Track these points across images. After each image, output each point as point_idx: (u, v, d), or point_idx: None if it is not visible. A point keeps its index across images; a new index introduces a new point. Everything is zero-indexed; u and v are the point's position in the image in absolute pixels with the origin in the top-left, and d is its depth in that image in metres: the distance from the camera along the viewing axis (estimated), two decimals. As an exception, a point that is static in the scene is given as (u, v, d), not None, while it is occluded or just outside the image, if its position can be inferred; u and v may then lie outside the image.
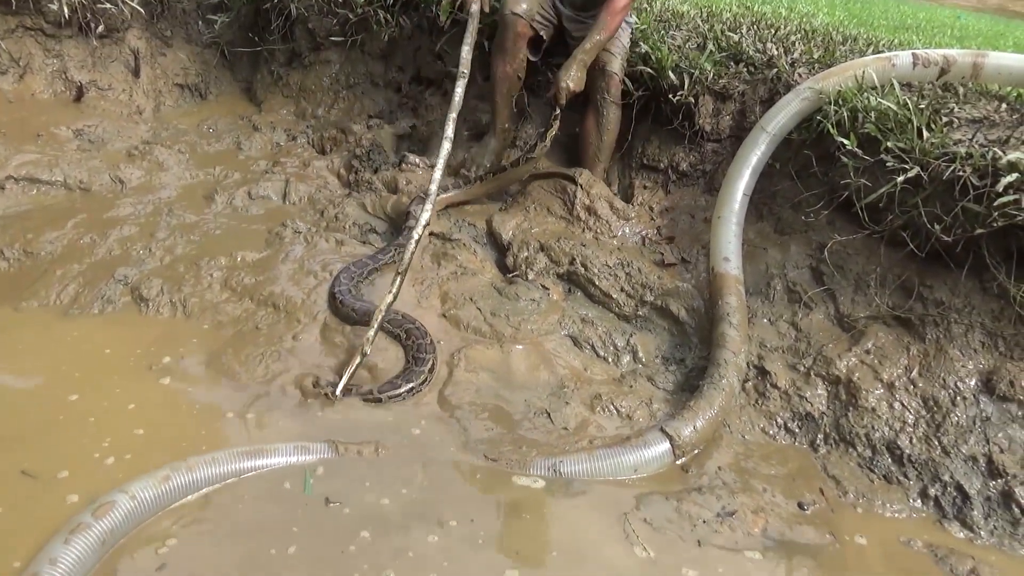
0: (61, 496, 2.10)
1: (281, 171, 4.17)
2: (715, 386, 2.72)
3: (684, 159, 3.72)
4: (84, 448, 2.30)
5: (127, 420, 2.44)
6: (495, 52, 3.75)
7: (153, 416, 2.49)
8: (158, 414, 2.51)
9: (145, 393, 2.59)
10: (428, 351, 2.81)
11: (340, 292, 3.05)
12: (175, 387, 2.65)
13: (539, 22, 3.71)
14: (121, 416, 2.46)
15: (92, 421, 2.42)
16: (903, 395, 2.71)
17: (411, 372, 2.75)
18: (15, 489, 2.12)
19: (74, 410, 2.46)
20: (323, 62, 4.93)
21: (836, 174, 3.08)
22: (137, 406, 2.51)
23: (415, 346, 2.84)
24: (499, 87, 3.83)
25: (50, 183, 3.86)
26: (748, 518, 2.36)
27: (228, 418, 2.53)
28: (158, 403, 2.56)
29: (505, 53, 3.72)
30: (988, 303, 2.73)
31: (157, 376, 2.68)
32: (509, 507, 2.28)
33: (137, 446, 2.33)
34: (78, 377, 2.63)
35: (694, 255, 3.43)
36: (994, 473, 2.48)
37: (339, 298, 3.02)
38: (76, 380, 2.61)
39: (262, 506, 2.16)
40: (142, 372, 2.70)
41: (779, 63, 3.52)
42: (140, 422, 2.44)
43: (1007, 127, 2.88)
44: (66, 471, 2.20)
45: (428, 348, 2.83)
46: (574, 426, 2.67)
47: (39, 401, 2.51)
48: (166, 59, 5.11)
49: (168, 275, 3.19)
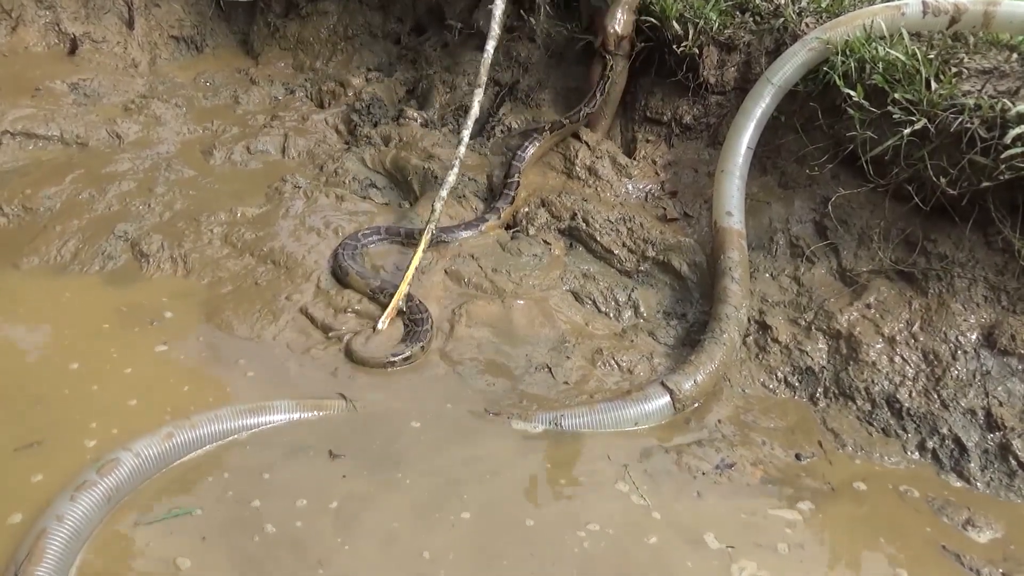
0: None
1: (280, 125, 4.13)
2: (716, 340, 2.72)
3: (688, 112, 3.66)
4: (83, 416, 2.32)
5: (127, 385, 2.46)
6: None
7: (153, 379, 2.50)
8: (158, 376, 2.52)
9: (145, 356, 2.60)
10: (422, 310, 2.84)
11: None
12: (176, 349, 2.66)
13: None
14: (121, 380, 2.48)
15: (95, 389, 2.44)
16: (904, 349, 2.71)
17: (415, 334, 2.76)
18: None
19: (75, 377, 2.48)
20: (321, 13, 4.83)
21: (842, 127, 3.03)
22: (136, 370, 2.53)
23: (410, 308, 2.85)
24: None
25: (47, 138, 3.83)
26: (747, 470, 2.39)
27: (229, 376, 2.54)
28: (158, 366, 2.58)
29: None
30: (992, 257, 2.71)
31: (158, 336, 2.69)
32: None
33: (135, 413, 2.35)
34: (79, 340, 2.64)
35: (697, 209, 3.41)
36: (992, 426, 2.50)
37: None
38: (77, 344, 2.62)
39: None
40: (144, 332, 2.71)
41: (786, 12, 3.43)
42: (139, 387, 2.45)
43: (1017, 78, 2.83)
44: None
45: (421, 308, 2.85)
46: (575, 380, 2.69)
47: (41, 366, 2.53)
48: (160, 10, 5.02)
49: (168, 231, 3.18)
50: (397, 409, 2.47)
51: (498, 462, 2.30)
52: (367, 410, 2.43)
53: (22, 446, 2.16)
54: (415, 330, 2.75)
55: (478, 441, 2.38)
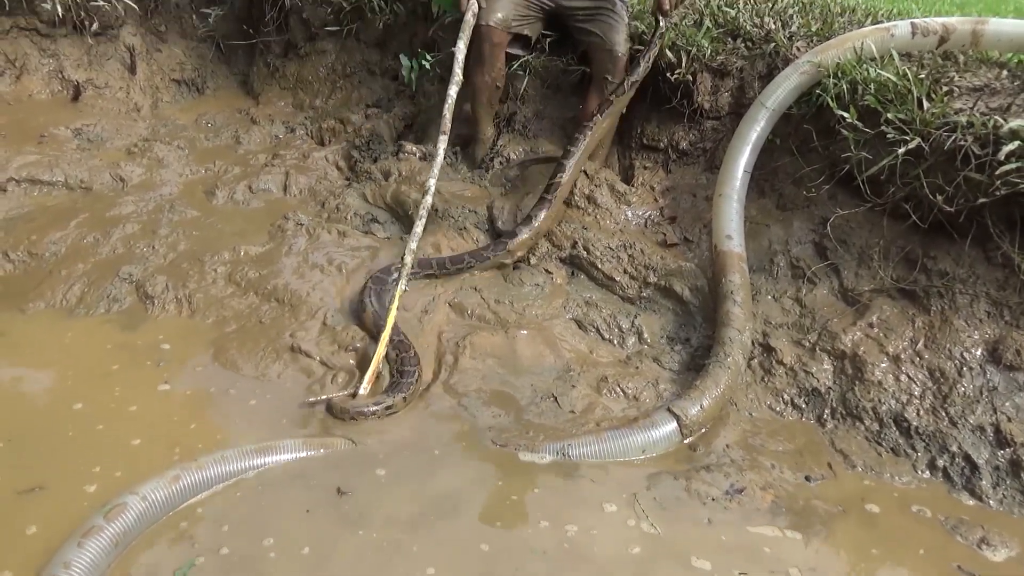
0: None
1: (281, 163, 4.17)
2: (721, 364, 2.72)
3: (684, 138, 3.70)
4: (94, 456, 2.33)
5: (132, 426, 2.46)
6: (472, 62, 3.59)
7: (159, 419, 2.51)
8: (163, 416, 2.53)
9: (150, 396, 2.61)
10: (412, 363, 2.73)
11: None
12: (181, 387, 2.66)
13: (519, 22, 3.68)
14: (126, 422, 2.48)
15: (100, 429, 2.44)
16: (909, 367, 2.71)
17: (399, 385, 2.67)
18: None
19: (80, 417, 2.48)
20: (319, 52, 4.91)
21: (837, 148, 3.06)
22: (141, 410, 2.53)
23: (400, 359, 2.76)
24: (479, 96, 3.80)
25: (51, 184, 3.87)
26: (757, 494, 2.37)
27: (233, 416, 2.54)
28: (164, 405, 2.58)
29: (483, 63, 3.66)
30: (992, 272, 2.72)
31: (162, 375, 2.70)
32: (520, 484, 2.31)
33: (141, 454, 2.35)
34: (84, 382, 2.65)
35: (696, 234, 3.43)
36: (1002, 442, 2.48)
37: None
38: (82, 385, 2.63)
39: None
40: (149, 372, 2.72)
41: (777, 37, 3.48)
42: (143, 428, 2.45)
43: (1008, 94, 2.86)
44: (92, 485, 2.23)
45: (412, 361, 2.74)
46: (581, 409, 2.69)
47: (47, 408, 2.54)
48: (162, 55, 5.11)
49: (172, 272, 3.21)
50: (402, 442, 2.47)
51: (506, 491, 2.29)
52: (369, 447, 2.43)
53: (24, 490, 2.16)
54: (399, 381, 2.67)
55: (485, 470, 2.37)
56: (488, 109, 3.87)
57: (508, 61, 3.81)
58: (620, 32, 3.57)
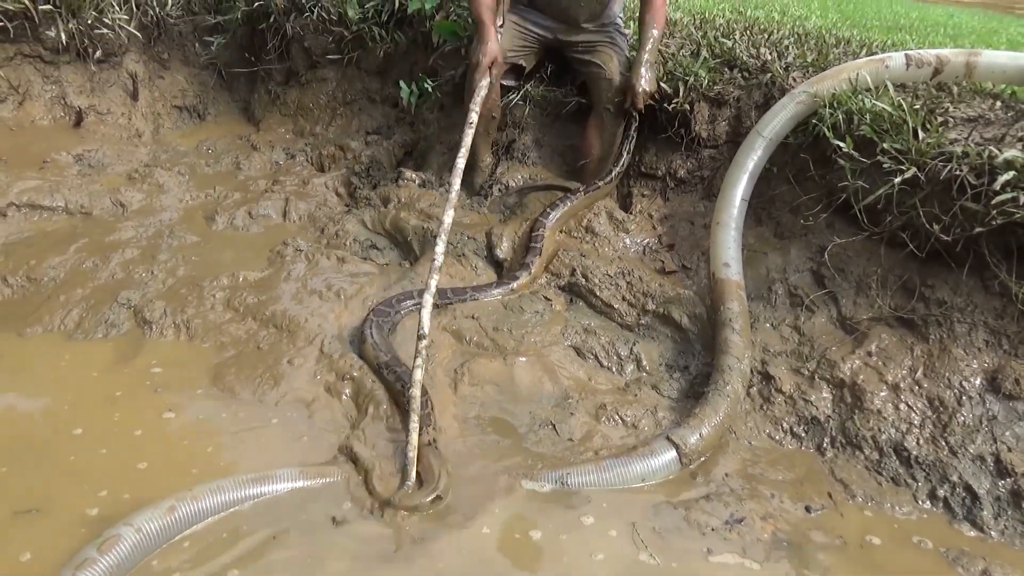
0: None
1: (280, 189, 4.19)
2: (720, 392, 2.72)
3: (682, 166, 3.73)
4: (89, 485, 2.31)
5: (132, 452, 2.44)
6: (468, 92, 3.58)
7: (157, 448, 2.49)
8: (162, 444, 2.51)
9: (149, 423, 2.59)
10: (426, 407, 2.58)
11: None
12: (180, 415, 2.65)
13: (515, 53, 3.73)
14: (126, 448, 2.46)
15: (104, 452, 2.43)
16: (908, 396, 2.70)
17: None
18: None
19: (80, 443, 2.46)
20: (320, 80, 4.97)
21: (833, 177, 3.08)
22: (143, 437, 2.52)
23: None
24: (476, 125, 3.81)
25: (51, 209, 3.89)
26: (757, 524, 2.35)
27: (231, 444, 2.53)
28: (162, 433, 2.56)
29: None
30: (990, 301, 2.72)
31: (162, 403, 2.69)
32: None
33: (141, 482, 2.33)
34: (83, 408, 2.64)
35: (695, 261, 3.44)
36: (1003, 472, 2.47)
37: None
38: (80, 411, 2.62)
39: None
40: (147, 398, 2.70)
41: (773, 68, 3.53)
42: (144, 455, 2.43)
43: (1002, 125, 2.89)
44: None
45: (426, 404, 2.59)
46: (580, 437, 2.67)
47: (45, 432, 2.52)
48: (164, 82, 5.16)
49: (171, 297, 3.21)
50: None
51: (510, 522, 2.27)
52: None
53: (21, 510, 2.15)
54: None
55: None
56: (485, 137, 3.90)
57: (503, 92, 3.85)
58: (619, 62, 3.62)
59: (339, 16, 4.69)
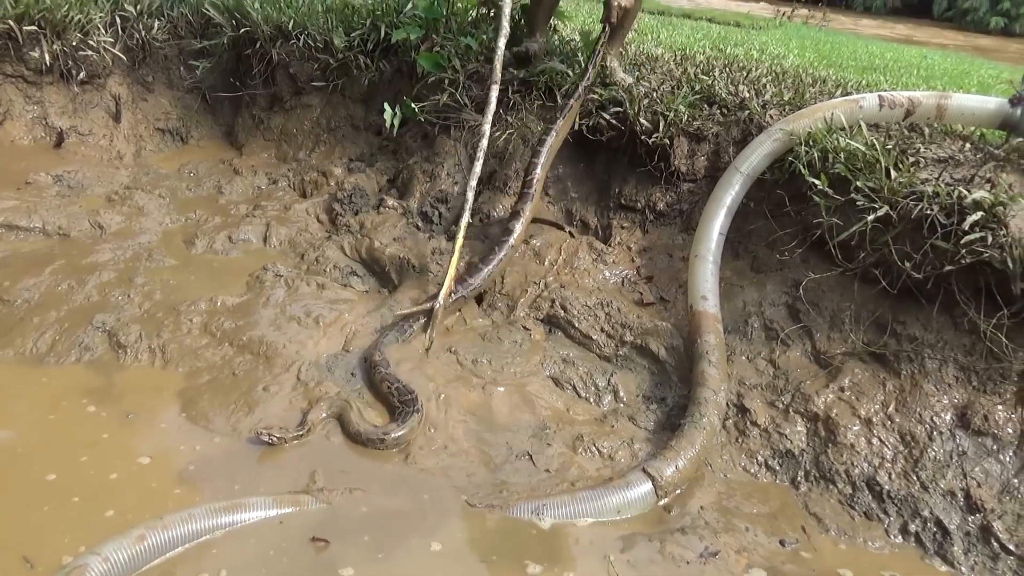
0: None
1: (262, 214, 4.19)
2: (696, 425, 2.73)
3: (661, 199, 3.78)
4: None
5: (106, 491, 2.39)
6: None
7: (129, 481, 2.44)
8: (134, 478, 2.46)
9: (118, 449, 2.55)
10: (414, 402, 2.81)
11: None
12: (150, 441, 2.61)
13: None
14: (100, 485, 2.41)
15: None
16: (881, 431, 2.73)
17: (406, 415, 2.74)
18: None
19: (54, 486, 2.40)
20: (304, 106, 4.99)
21: (809, 213, 3.14)
22: (116, 473, 2.47)
23: (402, 400, 2.82)
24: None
25: (28, 229, 3.85)
26: (731, 557, 2.35)
27: (202, 474, 2.49)
28: (129, 459, 2.52)
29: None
30: (960, 338, 2.77)
31: (132, 429, 2.65)
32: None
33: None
34: (52, 432, 2.59)
35: (673, 294, 3.47)
36: (972, 508, 2.50)
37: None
38: (51, 436, 2.57)
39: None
40: (119, 424, 2.66)
41: (751, 105, 3.60)
42: (116, 492, 2.38)
43: (971, 166, 2.97)
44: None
45: (414, 400, 2.82)
46: (556, 468, 2.67)
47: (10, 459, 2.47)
48: (147, 104, 5.16)
49: (147, 321, 3.18)
50: (380, 505, 2.43)
51: (479, 554, 2.26)
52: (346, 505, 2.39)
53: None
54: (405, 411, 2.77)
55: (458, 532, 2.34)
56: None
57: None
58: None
59: (325, 44, 4.74)
